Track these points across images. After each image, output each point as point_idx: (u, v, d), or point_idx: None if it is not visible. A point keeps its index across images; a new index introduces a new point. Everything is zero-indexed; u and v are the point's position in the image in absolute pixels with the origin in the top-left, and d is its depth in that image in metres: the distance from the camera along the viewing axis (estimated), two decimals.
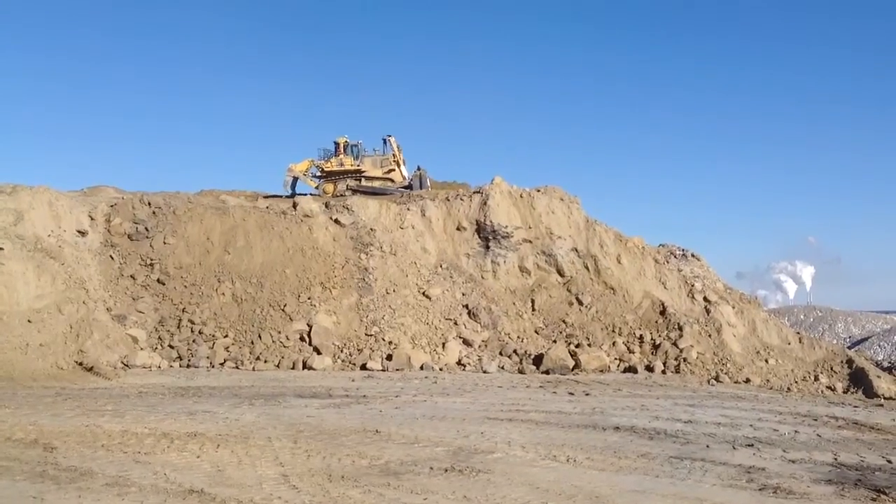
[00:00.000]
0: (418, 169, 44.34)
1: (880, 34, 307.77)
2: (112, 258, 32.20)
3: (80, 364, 25.75)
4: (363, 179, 44.18)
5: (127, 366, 27.41)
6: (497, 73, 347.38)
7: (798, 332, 39.09)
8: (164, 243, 32.99)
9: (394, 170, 44.66)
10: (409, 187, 43.39)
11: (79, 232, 32.11)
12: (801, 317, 74.83)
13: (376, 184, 44.02)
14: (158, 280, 31.86)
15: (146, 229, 33.32)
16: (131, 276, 31.76)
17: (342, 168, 44.05)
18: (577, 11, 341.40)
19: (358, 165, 44.30)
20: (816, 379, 32.32)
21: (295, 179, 44.63)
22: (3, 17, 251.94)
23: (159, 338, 29.78)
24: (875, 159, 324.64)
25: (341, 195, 41.91)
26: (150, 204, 34.54)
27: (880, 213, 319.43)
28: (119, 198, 36.29)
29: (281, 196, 42.83)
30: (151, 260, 32.40)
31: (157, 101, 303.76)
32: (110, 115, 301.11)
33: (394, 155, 44.94)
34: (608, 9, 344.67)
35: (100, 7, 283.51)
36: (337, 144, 44.61)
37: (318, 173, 44.70)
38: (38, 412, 17.37)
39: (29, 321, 26.11)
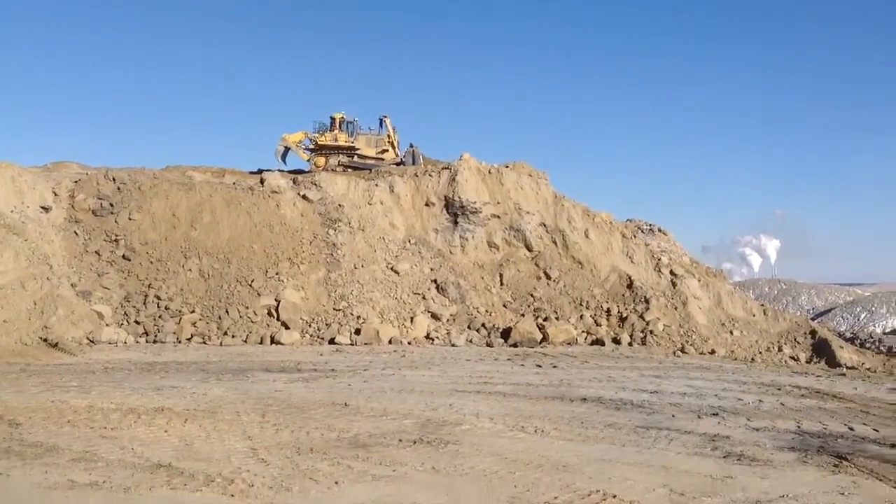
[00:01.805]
0: (411, 146, 44.08)
1: (848, 6, 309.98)
2: (76, 234, 31.84)
3: (45, 340, 25.50)
4: (356, 157, 43.85)
5: (92, 342, 27.19)
6: (464, 50, 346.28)
7: (762, 305, 39.57)
8: (130, 219, 32.65)
9: (387, 150, 44.30)
10: (402, 164, 43.15)
11: (42, 208, 31.73)
12: (766, 289, 75.86)
13: (369, 162, 43.68)
14: (124, 256, 31.55)
15: (111, 205, 32.94)
16: (96, 252, 31.43)
17: (336, 143, 43.66)
18: None
19: (352, 142, 43.93)
20: (780, 350, 32.78)
21: (287, 150, 44.22)
22: None
23: (125, 313, 29.53)
24: (842, 135, 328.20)
25: (332, 170, 41.61)
26: (114, 179, 34.14)
27: (846, 188, 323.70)
28: (83, 174, 35.84)
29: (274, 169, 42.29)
30: (116, 236, 32.07)
31: (121, 76, 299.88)
32: (74, 88, 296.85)
33: (389, 136, 44.62)
34: None
35: None
36: (333, 119, 44.15)
37: (311, 146, 44.27)
38: (2, 388, 17.18)
39: None
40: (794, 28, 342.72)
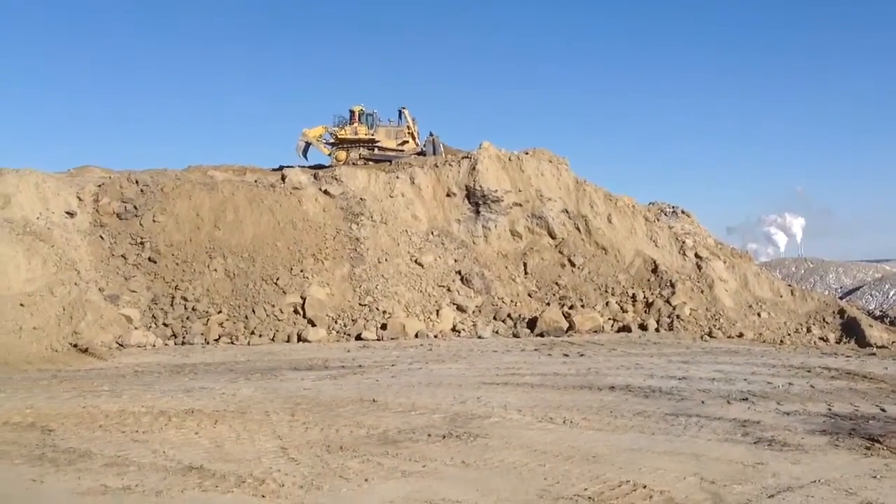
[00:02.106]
0: (431, 135, 44.04)
1: None
2: (102, 238, 32.08)
3: (75, 346, 25.72)
4: (376, 149, 43.89)
5: (121, 345, 27.40)
6: (481, 39, 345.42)
7: (790, 285, 39.29)
8: (154, 221, 32.85)
9: (407, 142, 44.29)
10: (423, 153, 43.15)
11: (67, 213, 31.97)
12: (793, 269, 75.17)
13: (390, 154, 43.68)
14: (149, 258, 31.77)
15: (135, 208, 33.15)
16: (122, 256, 31.66)
17: (356, 136, 43.69)
18: None
19: (372, 135, 43.96)
20: (809, 330, 32.53)
21: (307, 145, 44.28)
22: None
23: (153, 316, 29.75)
24: (861, 109, 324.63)
25: (353, 164, 41.69)
26: (137, 182, 34.35)
27: (868, 163, 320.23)
28: (106, 177, 36.09)
29: (298, 165, 42.40)
30: (142, 238, 32.28)
31: (139, 78, 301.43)
32: (94, 93, 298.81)
33: (408, 127, 44.60)
34: None
35: None
36: (352, 112, 44.14)
37: (332, 140, 44.34)
38: (34, 395, 17.36)
39: (21, 305, 26.02)
40: (810, 7, 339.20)
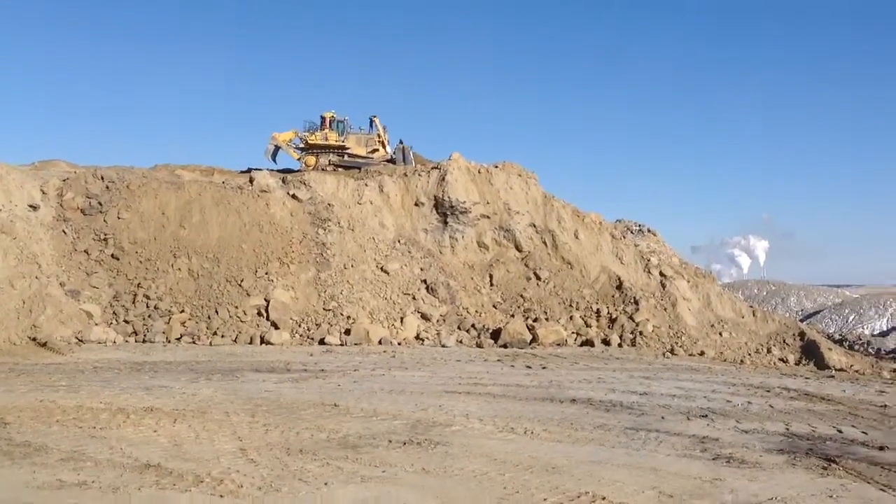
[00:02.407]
0: (400, 142, 44.06)
1: (842, 14, 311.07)
2: (65, 233, 31.70)
3: (34, 339, 25.39)
4: (346, 156, 43.77)
5: (81, 341, 27.07)
6: (454, 50, 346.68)
7: (752, 306, 39.69)
8: (119, 218, 32.52)
9: (377, 150, 44.25)
10: (393, 161, 43.12)
11: (30, 206, 31.58)
12: (755, 290, 76.10)
13: (359, 161, 43.56)
14: (113, 255, 31.44)
15: (99, 204, 32.81)
16: (85, 251, 31.30)
17: (326, 142, 43.58)
18: None
19: (343, 141, 43.85)
20: (769, 351, 32.89)
21: (277, 148, 44.12)
22: None
23: (114, 313, 29.44)
24: (828, 137, 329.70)
25: (323, 169, 41.56)
26: (103, 178, 34.00)
27: (833, 189, 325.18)
28: (71, 172, 35.70)
29: (267, 168, 42.27)
30: (105, 235, 31.94)
31: (109, 74, 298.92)
32: (61, 86, 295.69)
33: (378, 135, 44.56)
34: None
35: None
36: (323, 119, 44.04)
37: (302, 145, 44.19)
38: None
39: None
40: (780, 28, 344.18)
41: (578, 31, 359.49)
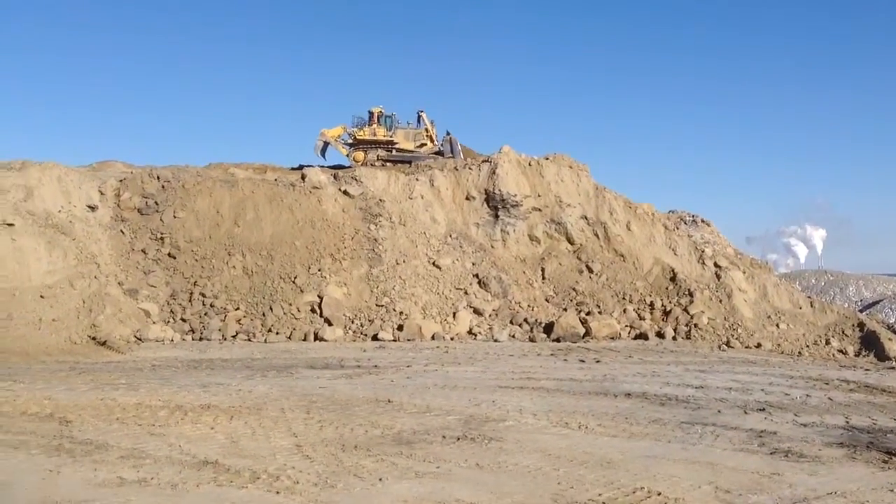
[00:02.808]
0: (448, 134, 44.09)
1: None
2: (123, 233, 32.26)
3: (93, 338, 25.91)
4: (394, 151, 43.96)
5: (140, 339, 27.54)
6: (503, 42, 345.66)
7: (809, 297, 39.01)
8: (174, 217, 33.00)
9: (425, 144, 44.38)
10: (440, 153, 43.23)
11: (89, 207, 32.17)
12: (813, 281, 74.80)
13: (408, 155, 43.64)
14: (169, 254, 31.92)
15: (156, 203, 33.33)
16: (142, 251, 31.83)
17: (374, 138, 43.81)
18: None
19: (391, 136, 44.06)
20: (828, 343, 32.29)
21: (326, 144, 44.40)
22: None
23: (171, 311, 29.89)
24: (884, 119, 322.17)
25: (371, 165, 41.79)
26: (158, 178, 34.53)
27: (891, 174, 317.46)
28: (128, 172, 36.29)
29: (316, 164, 42.61)
30: (162, 234, 32.44)
31: (163, 74, 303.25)
32: (118, 88, 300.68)
33: (426, 129, 44.66)
34: None
35: None
36: (371, 114, 44.22)
37: (350, 141, 44.48)
38: (52, 386, 17.50)
39: (41, 296, 26.29)
40: (835, 18, 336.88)
41: (627, 20, 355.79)
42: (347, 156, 44.17)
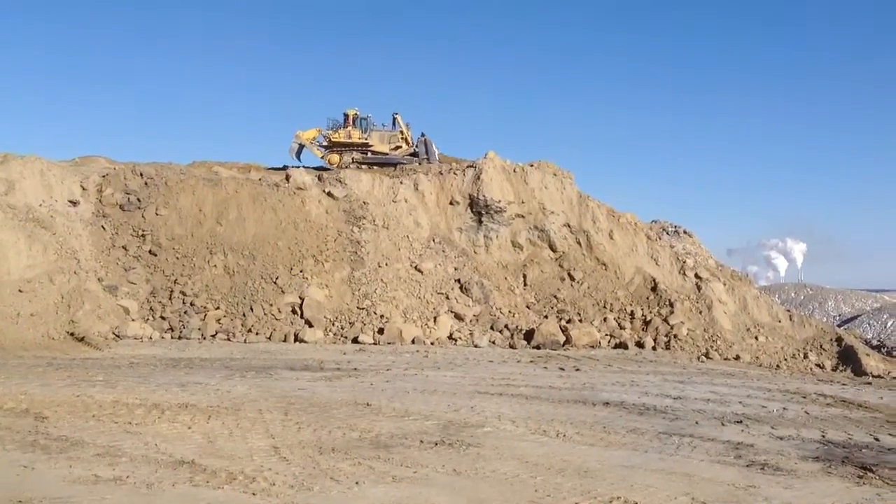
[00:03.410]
0: (422, 136, 43.98)
1: (882, 13, 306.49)
2: (104, 228, 32.07)
3: (72, 334, 25.75)
4: (369, 153, 43.86)
5: (118, 336, 27.38)
6: (491, 49, 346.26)
7: (788, 310, 39.24)
8: (157, 214, 32.84)
9: (400, 146, 44.31)
10: (415, 155, 43.15)
11: (70, 202, 31.99)
12: (792, 294, 75.14)
13: (382, 158, 43.53)
14: (150, 251, 31.76)
15: (138, 200, 33.16)
16: (123, 247, 31.64)
17: (349, 140, 43.71)
18: None
19: (366, 139, 43.94)
20: (806, 356, 32.49)
21: (301, 147, 44.23)
22: None
23: (151, 309, 29.73)
24: (867, 139, 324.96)
25: (346, 167, 41.68)
26: (142, 175, 34.35)
27: (872, 192, 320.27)
28: (111, 168, 36.09)
29: (283, 166, 42.52)
30: (143, 231, 32.27)
31: (148, 71, 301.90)
32: (102, 83, 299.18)
33: (401, 132, 44.58)
34: None
35: None
36: (346, 116, 44.12)
37: (325, 143, 44.34)
38: (28, 382, 17.38)
39: (20, 291, 26.09)
40: (822, 31, 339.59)
41: (614, 29, 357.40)
42: (322, 158, 44.03)
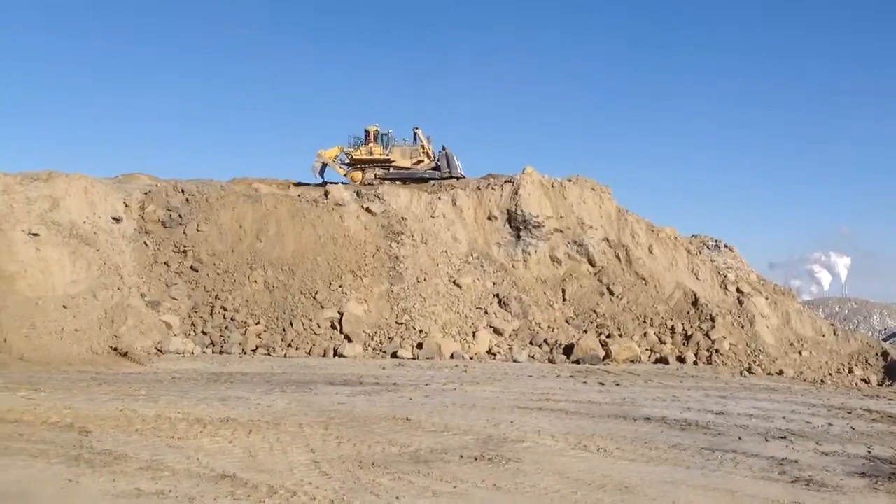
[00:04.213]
0: (443, 149, 43.82)
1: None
2: (146, 245, 32.47)
3: (115, 349, 26.05)
4: (392, 169, 43.96)
5: (160, 351, 27.67)
6: (528, 63, 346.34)
7: (832, 324, 38.65)
8: (198, 230, 33.21)
9: (422, 161, 44.32)
10: (438, 168, 43.10)
11: (113, 219, 32.42)
12: (836, 308, 74.23)
13: (405, 173, 43.60)
14: (192, 267, 32.10)
15: (179, 216, 33.55)
16: (165, 263, 32.02)
17: (371, 157, 43.85)
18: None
19: (387, 155, 44.06)
20: (851, 371, 31.97)
21: (324, 165, 44.42)
22: (36, 5, 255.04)
23: (192, 324, 30.02)
24: None
25: (369, 184, 41.82)
26: (183, 191, 34.78)
27: None
28: (153, 185, 36.56)
29: (312, 184, 42.81)
30: (185, 247, 32.64)
31: (190, 89, 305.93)
32: (145, 101, 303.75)
33: (422, 146, 44.59)
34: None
35: None
36: (367, 133, 44.35)
37: (347, 161, 44.51)
38: (73, 396, 17.59)
39: (64, 306, 26.48)
40: (863, 43, 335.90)
41: (653, 43, 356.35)
42: (345, 175, 44.16)
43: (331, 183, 41.39)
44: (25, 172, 32.23)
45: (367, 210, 35.79)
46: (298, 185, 42.75)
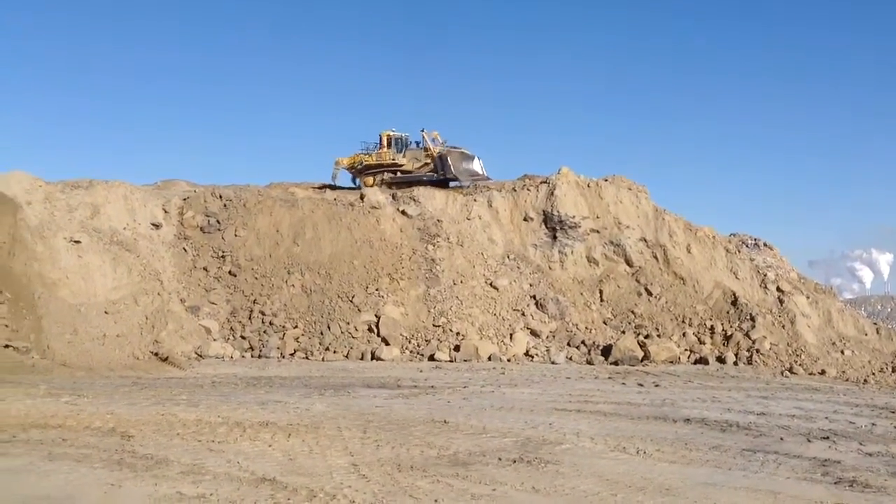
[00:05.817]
0: (441, 150, 43.16)
1: None
2: (185, 250, 32.84)
3: (156, 354, 26.35)
4: (399, 173, 43.76)
5: (200, 356, 27.96)
6: (562, 63, 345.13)
7: (875, 323, 38.09)
8: (236, 235, 33.52)
9: (427, 163, 44.02)
10: (435, 172, 42.64)
11: (153, 225, 32.83)
12: (879, 307, 73.20)
13: (410, 177, 43.35)
14: (230, 272, 32.40)
15: (218, 222, 33.88)
16: (204, 268, 32.35)
17: (379, 162, 43.82)
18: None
19: (394, 159, 43.87)
20: (894, 370, 31.46)
21: (342, 172, 44.77)
22: (72, 12, 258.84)
23: (231, 328, 30.31)
24: None
25: (379, 187, 41.74)
26: (221, 197, 35.12)
27: None
28: (191, 191, 36.97)
29: (344, 188, 42.96)
30: (223, 252, 32.96)
31: (229, 94, 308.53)
32: (184, 108, 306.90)
33: (426, 148, 44.09)
34: None
35: None
36: (381, 137, 44.42)
37: (359, 167, 44.54)
38: (115, 401, 17.79)
39: (106, 312, 26.86)
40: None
41: (689, 43, 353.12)
42: (358, 181, 44.23)
43: (341, 187, 41.48)
44: (66, 181, 32.78)
45: (403, 213, 35.89)
46: (334, 188, 43.00)
